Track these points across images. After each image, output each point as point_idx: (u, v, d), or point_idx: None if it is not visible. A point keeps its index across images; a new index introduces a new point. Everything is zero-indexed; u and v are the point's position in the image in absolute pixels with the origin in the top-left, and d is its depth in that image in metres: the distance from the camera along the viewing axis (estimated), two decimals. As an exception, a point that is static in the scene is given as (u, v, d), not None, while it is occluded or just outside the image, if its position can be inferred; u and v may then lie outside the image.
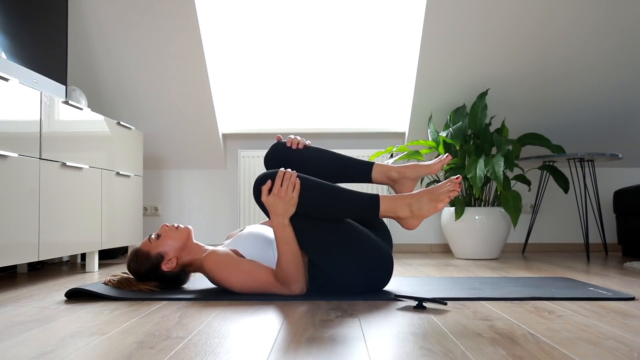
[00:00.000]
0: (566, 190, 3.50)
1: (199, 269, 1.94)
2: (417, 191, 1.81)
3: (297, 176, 1.76)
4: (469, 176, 3.11)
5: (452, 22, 3.24)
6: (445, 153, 3.39)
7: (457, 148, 3.37)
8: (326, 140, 3.89)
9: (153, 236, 1.94)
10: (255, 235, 1.95)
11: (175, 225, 1.97)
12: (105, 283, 2.03)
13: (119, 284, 1.96)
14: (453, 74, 3.51)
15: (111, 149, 2.93)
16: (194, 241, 1.98)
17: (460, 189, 3.48)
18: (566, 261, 3.14)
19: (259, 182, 1.77)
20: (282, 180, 1.74)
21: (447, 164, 3.31)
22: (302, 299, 1.76)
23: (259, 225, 2.08)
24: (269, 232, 1.99)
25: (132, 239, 3.17)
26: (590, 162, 3.62)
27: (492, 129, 3.75)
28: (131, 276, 1.99)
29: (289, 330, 1.34)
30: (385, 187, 3.64)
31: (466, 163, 3.27)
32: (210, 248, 1.94)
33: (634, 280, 2.26)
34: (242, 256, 1.88)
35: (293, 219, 1.77)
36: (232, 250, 1.90)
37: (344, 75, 3.87)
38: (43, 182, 2.29)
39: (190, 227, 1.99)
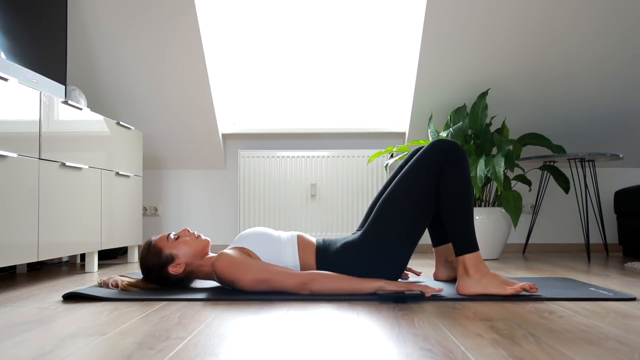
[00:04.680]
0: (567, 190, 3.50)
1: (207, 275, 1.94)
2: (494, 272, 1.97)
3: None
4: (469, 176, 3.10)
5: (453, 22, 3.23)
6: None
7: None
8: (326, 140, 3.89)
9: (172, 236, 1.95)
10: (259, 234, 1.95)
11: (196, 234, 1.98)
12: (99, 285, 2.03)
13: (112, 287, 1.97)
14: (453, 73, 3.51)
15: (111, 149, 2.93)
16: (209, 253, 1.99)
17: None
18: (567, 261, 3.14)
19: None
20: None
21: None
22: (302, 299, 1.76)
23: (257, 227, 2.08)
24: (270, 230, 2.00)
25: (131, 239, 3.16)
26: (591, 162, 3.61)
27: (492, 129, 3.74)
28: (125, 279, 2.00)
29: (289, 330, 1.34)
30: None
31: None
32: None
33: (634, 281, 2.26)
34: (251, 253, 1.89)
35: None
36: (238, 248, 1.91)
37: (344, 75, 3.87)
38: (42, 182, 2.29)
39: (209, 239, 1.99)
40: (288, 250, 1.91)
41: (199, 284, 2.10)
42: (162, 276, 1.93)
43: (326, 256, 1.91)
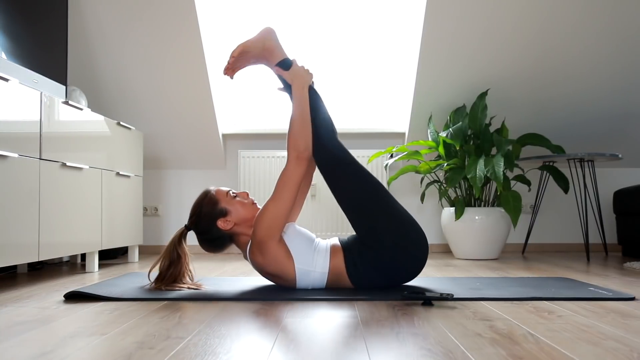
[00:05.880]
0: (566, 190, 3.50)
1: (242, 245, 1.99)
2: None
3: None
4: (469, 176, 3.11)
5: (453, 23, 3.24)
6: (445, 153, 3.40)
7: (457, 148, 3.37)
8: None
9: (232, 192, 2.01)
10: (305, 237, 1.97)
11: (254, 201, 2.03)
12: (156, 288, 1.98)
13: (167, 284, 1.96)
14: (453, 74, 3.51)
15: (111, 149, 2.93)
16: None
17: (460, 189, 3.47)
18: (566, 261, 3.14)
19: None
20: None
21: (448, 164, 3.32)
22: (301, 298, 1.76)
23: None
24: (312, 235, 2.02)
25: (132, 239, 3.17)
26: (590, 162, 3.62)
27: (492, 129, 3.74)
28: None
29: (289, 330, 1.34)
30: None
31: (466, 163, 3.27)
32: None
33: (633, 280, 2.26)
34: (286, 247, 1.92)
35: (336, 180, 1.97)
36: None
37: (343, 75, 3.87)
38: (43, 182, 2.29)
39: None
40: (320, 258, 1.92)
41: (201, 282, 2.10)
42: (209, 227, 1.96)
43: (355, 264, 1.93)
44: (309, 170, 2.12)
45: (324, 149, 1.98)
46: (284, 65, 2.09)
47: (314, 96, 2.06)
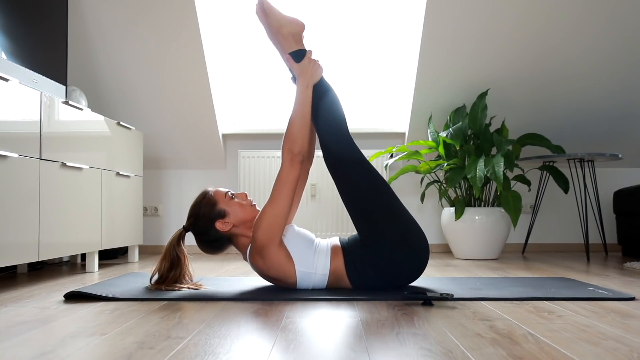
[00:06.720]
0: (566, 190, 3.50)
1: (242, 247, 1.98)
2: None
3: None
4: (469, 176, 3.11)
5: (453, 23, 3.24)
6: (445, 153, 3.40)
7: (457, 148, 3.37)
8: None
9: (230, 194, 1.99)
10: (305, 238, 1.96)
11: (253, 202, 2.01)
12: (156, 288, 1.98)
13: (166, 285, 1.96)
14: (453, 74, 3.51)
15: (111, 149, 2.93)
16: None
17: (460, 189, 3.47)
18: (566, 261, 3.14)
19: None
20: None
21: (448, 164, 3.32)
22: (302, 298, 1.76)
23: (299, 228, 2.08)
24: (312, 235, 2.01)
25: (132, 239, 3.17)
26: (590, 162, 3.62)
27: (492, 129, 3.75)
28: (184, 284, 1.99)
29: (289, 330, 1.34)
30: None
31: (466, 163, 3.27)
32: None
33: (633, 280, 2.26)
34: (286, 250, 1.91)
35: (344, 182, 1.94)
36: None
37: (344, 75, 3.87)
38: (43, 182, 2.29)
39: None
40: (320, 260, 1.92)
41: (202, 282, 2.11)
42: (207, 228, 1.95)
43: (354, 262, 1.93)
44: (305, 169, 2.12)
45: (327, 149, 1.97)
46: (296, 56, 2.07)
47: (321, 90, 2.03)
